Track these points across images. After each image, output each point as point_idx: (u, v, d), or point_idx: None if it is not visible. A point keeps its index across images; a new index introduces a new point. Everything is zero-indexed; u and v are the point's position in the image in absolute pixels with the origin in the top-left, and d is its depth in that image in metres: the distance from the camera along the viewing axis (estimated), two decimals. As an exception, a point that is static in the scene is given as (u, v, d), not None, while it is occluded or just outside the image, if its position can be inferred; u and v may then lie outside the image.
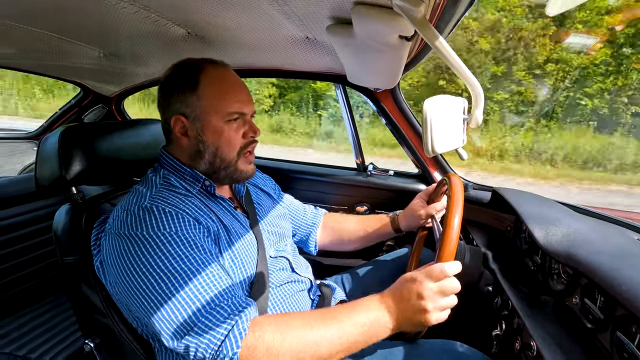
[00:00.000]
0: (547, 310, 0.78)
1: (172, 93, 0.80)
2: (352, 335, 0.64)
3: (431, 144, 0.67)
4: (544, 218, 0.87)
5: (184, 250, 0.66)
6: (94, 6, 0.80)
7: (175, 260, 0.64)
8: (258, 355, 0.60)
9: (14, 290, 1.38)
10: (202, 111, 0.78)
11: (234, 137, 0.81)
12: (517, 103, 7.98)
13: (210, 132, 0.79)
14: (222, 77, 0.81)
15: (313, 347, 0.62)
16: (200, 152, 0.81)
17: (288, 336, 0.62)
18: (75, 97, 1.89)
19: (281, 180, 1.26)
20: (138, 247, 0.65)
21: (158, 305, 0.62)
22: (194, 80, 0.78)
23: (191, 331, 0.61)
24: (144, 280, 0.63)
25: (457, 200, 0.74)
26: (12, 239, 1.38)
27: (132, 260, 0.64)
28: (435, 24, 0.63)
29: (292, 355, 0.61)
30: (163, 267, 0.63)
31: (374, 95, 1.44)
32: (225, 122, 0.79)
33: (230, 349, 0.59)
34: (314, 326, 0.64)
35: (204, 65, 0.81)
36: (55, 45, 1.11)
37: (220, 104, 0.79)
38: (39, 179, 0.87)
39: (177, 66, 0.82)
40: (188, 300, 0.62)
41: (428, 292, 0.64)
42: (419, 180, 1.55)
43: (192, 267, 0.65)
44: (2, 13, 0.85)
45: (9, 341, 1.23)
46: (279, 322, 0.64)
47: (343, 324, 0.64)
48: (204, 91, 0.78)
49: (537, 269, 0.91)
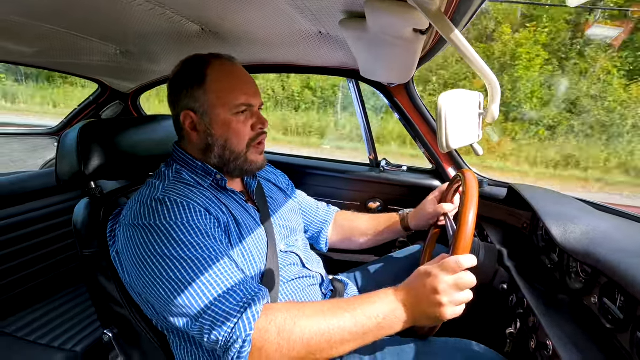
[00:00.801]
0: (564, 309, 0.76)
1: (180, 89, 0.81)
2: (365, 326, 0.64)
3: (445, 140, 0.66)
4: (562, 215, 0.85)
5: (196, 238, 0.67)
6: (112, 4, 0.81)
7: (187, 248, 0.66)
8: (270, 339, 0.61)
9: (36, 281, 1.43)
10: (209, 105, 0.79)
11: (243, 129, 0.82)
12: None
13: (218, 126, 0.80)
14: (229, 71, 0.82)
15: (325, 334, 0.62)
16: (210, 146, 0.82)
17: (300, 321, 0.63)
18: (94, 94, 1.93)
19: (294, 175, 1.26)
20: (151, 235, 0.67)
21: (171, 291, 0.64)
22: (201, 74, 0.79)
23: (205, 314, 0.62)
24: (157, 267, 0.65)
25: (472, 196, 0.73)
26: (34, 231, 1.43)
27: (146, 249, 0.66)
28: (451, 17, 0.61)
29: (303, 340, 0.61)
30: (175, 254, 0.65)
31: (388, 90, 1.42)
32: (233, 114, 0.80)
33: (244, 330, 0.60)
34: (327, 314, 0.64)
35: (211, 59, 0.81)
36: (74, 43, 1.13)
37: (228, 97, 0.79)
38: (59, 173, 0.90)
39: (185, 62, 0.83)
40: (201, 285, 0.63)
41: (443, 286, 0.64)
42: (433, 176, 1.53)
43: (204, 255, 0.66)
44: (24, 12, 0.87)
45: (33, 330, 1.27)
46: (291, 308, 0.65)
47: (356, 314, 0.64)
48: (210, 85, 0.79)
49: (554, 267, 0.89)
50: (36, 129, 2.14)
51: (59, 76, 10.00)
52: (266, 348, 0.61)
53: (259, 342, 0.60)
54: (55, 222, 1.50)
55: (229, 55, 0.85)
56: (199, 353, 0.77)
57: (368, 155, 1.65)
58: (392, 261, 1.17)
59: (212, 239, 0.70)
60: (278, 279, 0.82)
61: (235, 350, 0.60)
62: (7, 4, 0.81)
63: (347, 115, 9.01)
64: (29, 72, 10.66)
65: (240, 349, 0.60)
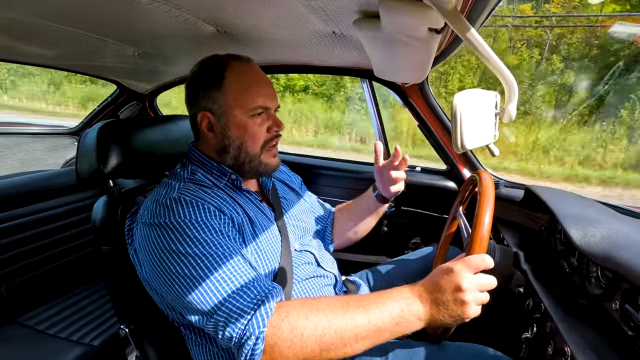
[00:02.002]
0: (583, 314, 0.74)
1: (198, 90, 0.82)
2: (379, 323, 0.62)
3: (460, 140, 0.65)
4: (582, 218, 0.83)
5: (210, 235, 0.68)
6: (130, 7, 0.83)
7: (202, 245, 0.67)
8: (282, 336, 0.60)
9: (56, 276, 1.47)
10: (227, 106, 0.80)
11: (259, 131, 0.82)
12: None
13: (235, 127, 0.81)
14: (247, 73, 0.82)
15: (337, 330, 0.61)
16: (226, 147, 0.83)
17: (312, 318, 0.62)
18: (112, 95, 1.98)
19: (305, 175, 1.27)
20: (166, 233, 0.68)
21: (186, 288, 0.64)
22: (219, 76, 0.80)
23: (219, 311, 0.63)
24: (172, 264, 0.66)
25: (488, 197, 0.71)
26: (55, 228, 1.47)
27: (161, 246, 0.67)
28: (467, 15, 0.60)
29: (315, 337, 0.61)
30: (190, 251, 0.66)
31: (402, 90, 1.41)
32: (249, 116, 0.81)
33: (257, 327, 0.60)
34: (340, 310, 0.63)
35: (229, 61, 0.82)
36: (94, 45, 1.16)
37: (245, 99, 0.80)
38: (79, 172, 0.92)
39: (202, 63, 0.84)
40: (215, 282, 0.64)
41: (467, 284, 0.62)
42: (447, 177, 1.51)
43: (218, 252, 0.67)
44: (44, 15, 0.90)
45: (52, 324, 1.31)
46: (304, 305, 0.65)
47: (370, 310, 0.63)
48: (228, 87, 0.80)
49: (573, 272, 0.87)
50: (57, 128, 2.20)
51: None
52: (279, 345, 0.60)
53: (272, 339, 0.60)
54: (75, 219, 1.55)
55: (247, 57, 0.85)
56: (213, 349, 0.78)
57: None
58: (405, 262, 1.16)
59: (225, 237, 0.70)
60: (292, 278, 0.82)
61: (249, 347, 0.60)
62: (29, 7, 0.84)
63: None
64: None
65: (253, 345, 0.60)
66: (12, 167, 1.91)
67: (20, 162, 1.95)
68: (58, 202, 1.51)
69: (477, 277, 0.63)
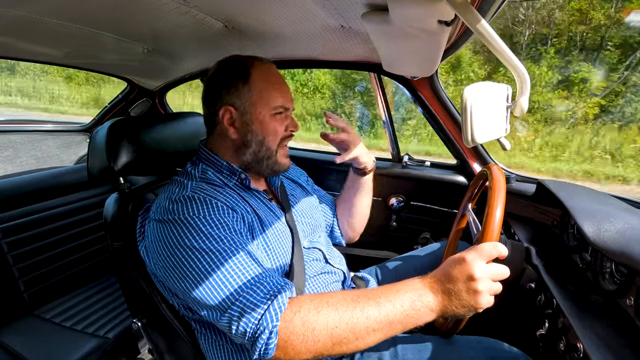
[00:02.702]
0: (596, 310, 0.73)
1: (222, 86, 0.83)
2: (391, 314, 0.61)
3: (471, 134, 0.64)
4: (596, 212, 0.81)
5: (222, 231, 0.69)
6: (139, 5, 0.83)
7: (215, 240, 0.67)
8: (295, 330, 0.61)
9: (71, 270, 1.51)
10: (251, 102, 0.82)
11: (279, 128, 0.85)
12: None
13: (258, 123, 0.83)
14: (270, 73, 0.85)
15: (349, 323, 0.61)
16: (247, 142, 0.84)
17: (323, 311, 0.62)
18: (123, 92, 2.00)
19: (313, 171, 1.27)
20: (179, 228, 0.69)
21: (199, 283, 0.65)
22: (246, 73, 0.82)
23: (233, 305, 0.63)
24: (184, 260, 0.67)
25: (499, 192, 0.70)
26: (68, 224, 1.50)
27: (173, 241, 0.68)
28: (478, 6, 0.59)
29: (327, 330, 0.61)
30: (203, 246, 0.67)
31: (411, 83, 1.40)
32: (272, 114, 0.84)
33: (270, 322, 0.60)
34: (351, 304, 0.63)
35: (253, 60, 0.85)
36: (104, 43, 1.17)
37: (269, 97, 0.83)
38: (91, 169, 0.94)
39: (224, 62, 0.86)
40: (228, 277, 0.65)
41: (480, 273, 0.60)
42: (458, 171, 1.49)
43: (230, 247, 0.68)
44: (56, 13, 0.91)
45: (69, 317, 1.35)
46: (315, 299, 0.65)
47: (380, 302, 0.62)
48: (254, 84, 0.82)
49: (586, 267, 0.85)
50: (70, 126, 2.24)
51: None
52: (291, 339, 0.61)
53: (284, 334, 0.61)
54: (87, 215, 1.58)
55: (267, 59, 0.88)
56: (223, 343, 0.79)
57: (390, 150, 1.63)
58: (414, 258, 1.15)
59: (237, 233, 0.71)
60: (303, 275, 0.82)
61: (263, 341, 0.60)
62: (39, 5, 0.85)
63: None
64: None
65: (267, 340, 0.60)
66: (27, 163, 1.95)
67: (35, 159, 1.99)
68: (71, 198, 1.54)
69: (490, 265, 0.62)
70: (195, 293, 0.66)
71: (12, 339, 1.22)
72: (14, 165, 1.89)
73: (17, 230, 1.34)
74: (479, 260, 0.62)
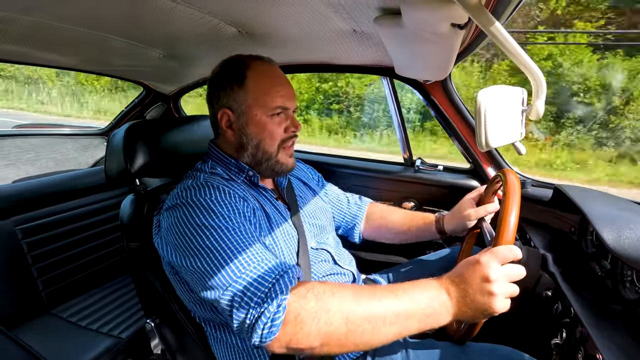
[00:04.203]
0: (616, 320, 0.70)
1: (219, 88, 0.84)
2: (409, 309, 0.59)
3: (485, 138, 0.63)
4: (616, 219, 0.78)
5: (232, 214, 0.70)
6: (155, 11, 0.85)
7: (225, 219, 0.68)
8: (308, 306, 0.58)
9: (87, 271, 1.54)
10: (247, 105, 0.82)
11: (277, 130, 0.84)
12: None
13: (254, 125, 0.83)
14: (267, 73, 0.84)
15: (365, 311, 0.59)
16: (244, 145, 0.85)
17: (339, 293, 0.60)
18: (139, 97, 2.04)
19: (325, 174, 1.27)
20: (191, 209, 0.69)
21: (204, 258, 0.64)
22: (241, 75, 0.82)
23: (238, 278, 0.61)
24: (195, 236, 0.66)
25: (514, 197, 0.69)
26: (85, 225, 1.54)
27: (185, 220, 0.69)
28: (492, 9, 0.59)
29: (342, 313, 0.58)
30: (213, 224, 0.67)
31: (423, 87, 1.39)
32: (268, 116, 0.82)
33: (279, 292, 0.58)
34: (367, 292, 0.61)
35: (250, 61, 0.84)
36: (120, 48, 1.20)
37: (265, 99, 0.82)
38: (108, 171, 0.96)
39: (225, 62, 0.87)
40: (235, 252, 0.64)
41: (495, 275, 0.59)
42: (471, 176, 1.47)
43: (240, 229, 0.68)
44: (76, 21, 0.94)
45: (84, 316, 1.38)
46: (329, 283, 0.64)
47: (398, 295, 0.60)
48: (249, 86, 0.81)
49: (605, 275, 0.83)
50: (88, 129, 2.29)
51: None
52: (302, 316, 0.57)
53: (295, 309, 0.57)
54: (104, 216, 1.61)
55: (268, 57, 0.87)
56: (235, 345, 0.79)
57: (402, 154, 1.62)
58: (427, 263, 1.14)
59: (247, 219, 0.72)
60: (309, 277, 0.82)
61: (267, 317, 0.56)
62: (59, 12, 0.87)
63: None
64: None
65: (273, 315, 0.56)
66: (47, 166, 2.00)
67: (54, 161, 2.04)
68: (88, 200, 1.58)
69: (505, 267, 0.61)
70: (201, 270, 0.64)
71: (30, 336, 1.25)
72: (34, 168, 1.95)
73: (36, 231, 1.38)
74: (494, 262, 0.61)
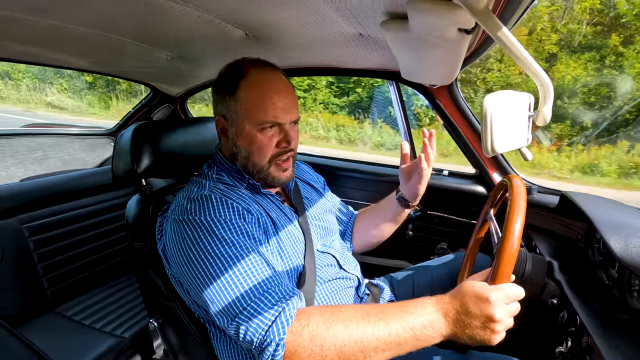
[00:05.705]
0: (623, 329, 0.69)
1: (217, 94, 0.84)
2: (401, 336, 0.61)
3: (491, 143, 0.63)
4: (623, 227, 0.77)
5: (236, 236, 0.69)
6: (163, 13, 0.86)
7: (228, 245, 0.68)
8: (303, 344, 0.61)
9: (92, 270, 1.55)
10: (238, 116, 0.80)
11: (267, 145, 0.80)
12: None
13: (243, 137, 0.81)
14: (263, 83, 0.79)
15: (358, 342, 0.61)
16: (235, 155, 0.84)
17: (332, 327, 0.62)
18: (146, 98, 2.06)
19: (330, 177, 1.27)
20: (195, 230, 0.70)
21: (210, 287, 0.66)
22: (234, 85, 0.79)
23: (241, 314, 0.63)
24: (199, 263, 0.67)
25: (519, 203, 0.68)
26: (91, 224, 1.55)
27: (190, 243, 0.69)
28: (499, 14, 0.59)
29: (335, 346, 0.60)
30: (217, 251, 0.67)
31: (429, 91, 1.38)
32: (259, 129, 0.79)
33: (277, 334, 0.61)
34: (360, 321, 0.63)
35: (248, 69, 0.80)
36: (130, 50, 1.22)
37: (256, 112, 0.78)
38: (115, 171, 0.97)
39: (224, 68, 0.85)
40: (237, 284, 0.65)
41: (501, 315, 0.60)
42: (476, 181, 1.46)
43: (242, 253, 0.68)
44: (88, 24, 0.95)
45: (88, 315, 1.38)
46: (325, 313, 0.64)
47: (391, 322, 0.62)
48: (241, 97, 0.79)
49: (612, 284, 0.82)
50: (95, 129, 2.32)
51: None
52: (299, 352, 0.61)
53: (292, 347, 0.61)
54: (110, 216, 1.62)
55: (271, 65, 0.83)
56: (237, 347, 0.79)
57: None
58: (430, 268, 1.13)
59: (251, 238, 0.72)
60: (314, 280, 0.82)
61: (269, 353, 0.61)
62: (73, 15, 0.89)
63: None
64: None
65: (274, 352, 0.60)
66: (54, 165, 2.02)
67: (62, 161, 2.07)
68: (94, 199, 1.59)
69: (511, 305, 0.61)
70: (206, 296, 0.66)
71: (34, 334, 1.25)
72: (42, 166, 1.97)
73: (42, 230, 1.39)
74: (503, 302, 0.60)
